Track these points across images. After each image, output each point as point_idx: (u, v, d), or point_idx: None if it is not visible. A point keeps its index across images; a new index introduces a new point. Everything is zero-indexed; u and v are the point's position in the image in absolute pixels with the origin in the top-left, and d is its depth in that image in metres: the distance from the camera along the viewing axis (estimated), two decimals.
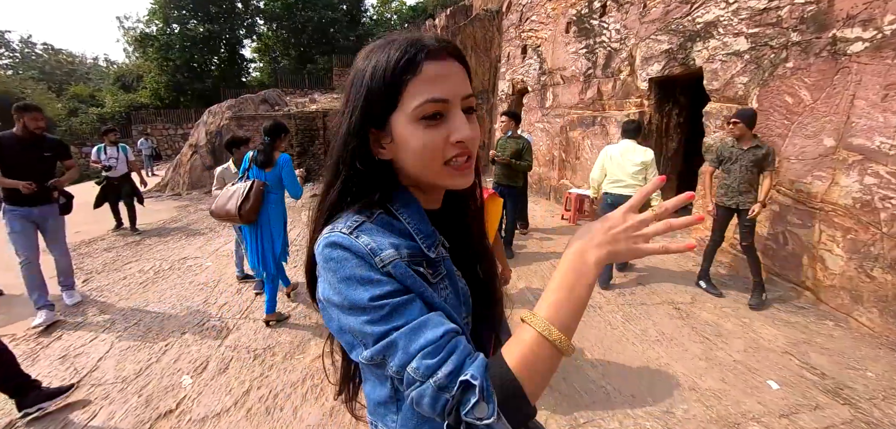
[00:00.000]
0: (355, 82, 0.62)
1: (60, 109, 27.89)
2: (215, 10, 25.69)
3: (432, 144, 0.60)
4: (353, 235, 0.60)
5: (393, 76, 0.58)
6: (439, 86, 0.59)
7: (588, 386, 2.61)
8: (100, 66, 45.44)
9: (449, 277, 0.67)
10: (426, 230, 0.66)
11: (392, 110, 0.60)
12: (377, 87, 0.59)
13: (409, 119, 0.59)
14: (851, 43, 3.34)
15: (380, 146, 0.64)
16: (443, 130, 0.60)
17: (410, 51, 0.58)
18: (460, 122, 0.61)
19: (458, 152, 0.61)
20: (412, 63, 0.58)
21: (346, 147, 0.63)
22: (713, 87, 4.62)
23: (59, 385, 2.54)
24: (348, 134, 0.63)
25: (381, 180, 0.65)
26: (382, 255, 0.59)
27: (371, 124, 0.62)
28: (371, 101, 0.60)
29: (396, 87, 0.59)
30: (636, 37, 5.82)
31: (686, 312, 3.55)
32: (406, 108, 0.59)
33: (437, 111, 0.59)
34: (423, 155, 0.60)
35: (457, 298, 0.67)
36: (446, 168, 0.62)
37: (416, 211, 0.66)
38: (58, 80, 36.23)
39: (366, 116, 0.61)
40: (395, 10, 30.88)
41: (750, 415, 2.35)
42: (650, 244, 0.57)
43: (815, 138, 3.62)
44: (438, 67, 0.59)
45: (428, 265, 0.64)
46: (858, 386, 2.60)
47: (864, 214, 3.29)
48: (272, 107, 13.02)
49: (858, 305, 3.35)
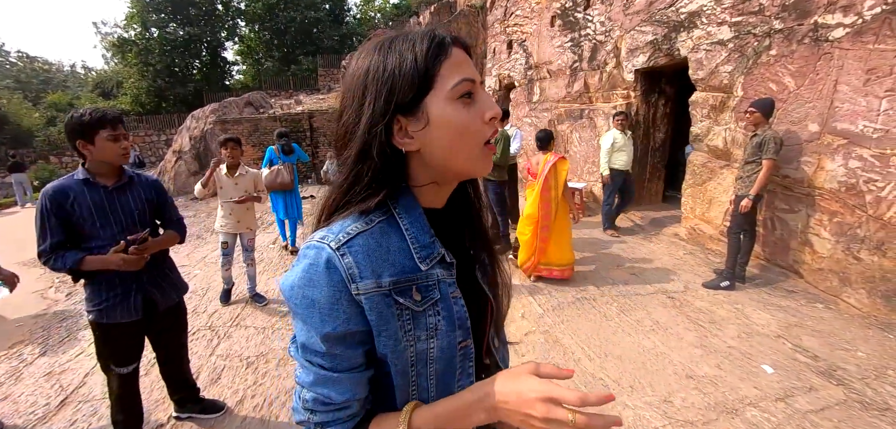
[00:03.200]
0: (372, 74, 0.60)
1: (38, 118, 27.14)
2: (195, 12, 25.18)
3: (474, 122, 0.60)
4: (340, 251, 0.58)
5: (426, 60, 0.58)
6: (467, 67, 0.61)
7: (586, 378, 2.61)
8: (77, 73, 44.37)
9: (443, 301, 0.64)
10: (424, 241, 0.64)
11: (426, 93, 0.59)
12: (408, 73, 0.58)
13: (447, 99, 0.59)
14: (833, 29, 3.39)
15: (406, 135, 0.61)
16: (476, 110, 0.61)
17: (437, 37, 0.60)
18: (489, 100, 0.62)
19: (492, 131, 0.62)
20: (443, 46, 0.59)
21: (370, 134, 0.60)
22: (698, 76, 4.66)
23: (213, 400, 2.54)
24: (372, 122, 0.60)
25: (394, 176, 0.63)
26: (360, 284, 0.58)
27: (399, 111, 0.60)
28: (398, 87, 0.59)
29: (430, 70, 0.58)
30: (621, 29, 5.84)
31: (679, 300, 3.58)
32: (443, 87, 0.59)
33: (469, 91, 0.60)
34: (466, 132, 0.60)
35: (449, 325, 0.64)
36: (485, 148, 0.62)
37: (417, 217, 0.65)
38: (34, 89, 35.27)
39: (392, 102, 0.59)
40: (378, 9, 30.64)
41: (747, 400, 2.37)
42: None
43: (800, 124, 3.67)
44: (461, 52, 0.61)
45: (417, 291, 0.62)
46: (850, 366, 2.65)
47: (849, 198, 3.35)
48: (257, 109, 12.82)
49: (847, 287, 3.41)
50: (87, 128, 1.75)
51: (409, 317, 0.61)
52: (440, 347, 0.63)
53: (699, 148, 4.81)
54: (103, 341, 1.94)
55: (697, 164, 4.84)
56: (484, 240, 0.79)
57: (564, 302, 3.63)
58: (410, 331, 0.61)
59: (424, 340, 0.62)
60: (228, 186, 3.69)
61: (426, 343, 0.62)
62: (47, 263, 1.76)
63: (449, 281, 0.66)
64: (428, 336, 0.62)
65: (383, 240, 0.62)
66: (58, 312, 3.98)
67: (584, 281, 4.05)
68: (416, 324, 0.62)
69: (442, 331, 0.63)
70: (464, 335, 0.67)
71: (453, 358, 0.66)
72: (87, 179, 1.81)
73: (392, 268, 0.61)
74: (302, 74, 23.94)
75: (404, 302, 0.61)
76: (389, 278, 0.60)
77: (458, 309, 0.66)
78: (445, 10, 13.65)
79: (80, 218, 1.79)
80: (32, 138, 23.79)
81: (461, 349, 0.67)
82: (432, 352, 0.63)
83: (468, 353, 0.68)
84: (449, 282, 0.66)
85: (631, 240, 5.19)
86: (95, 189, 1.83)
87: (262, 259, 5.17)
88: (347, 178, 0.63)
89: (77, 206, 1.78)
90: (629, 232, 5.50)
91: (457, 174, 0.66)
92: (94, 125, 1.76)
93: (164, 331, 2.16)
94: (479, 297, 0.74)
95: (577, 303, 3.61)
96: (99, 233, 1.82)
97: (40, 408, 2.57)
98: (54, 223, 1.76)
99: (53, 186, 1.78)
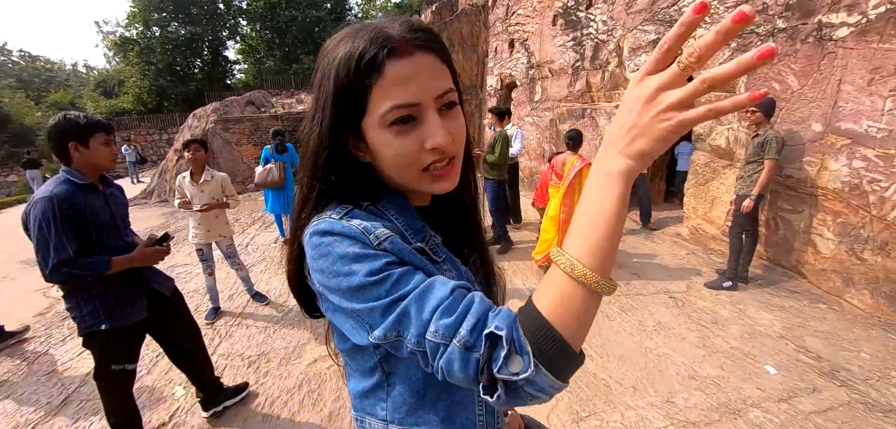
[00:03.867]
0: (324, 79, 0.56)
1: (40, 117, 27.19)
2: (197, 11, 25.21)
3: (407, 152, 0.54)
4: (344, 219, 0.56)
5: (357, 77, 0.52)
6: (406, 88, 0.52)
7: (588, 379, 2.60)
8: (79, 73, 44.45)
9: (450, 260, 0.64)
10: (415, 226, 0.62)
11: (361, 115, 0.55)
12: (343, 89, 0.54)
13: (378, 126, 0.54)
14: (837, 28, 3.37)
15: (357, 149, 0.59)
16: (416, 136, 0.54)
17: (371, 49, 0.52)
18: (434, 125, 0.54)
19: (435, 159, 0.56)
20: (373, 65, 0.52)
21: (318, 156, 0.57)
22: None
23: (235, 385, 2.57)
24: (320, 142, 0.57)
25: (365, 184, 0.61)
26: (377, 232, 0.54)
27: (346, 128, 0.57)
28: (340, 103, 0.55)
29: (362, 90, 0.53)
30: (623, 28, 5.82)
31: (682, 300, 3.57)
32: (374, 114, 0.54)
33: (408, 115, 0.53)
34: (398, 163, 0.56)
35: (460, 278, 0.63)
36: (426, 174, 0.57)
37: (403, 207, 0.63)
38: (36, 88, 35.37)
39: (337, 120, 0.56)
40: (380, 8, 30.64)
41: (750, 401, 2.36)
42: (692, 112, 0.43)
43: (804, 124, 3.65)
44: (404, 66, 0.52)
45: (429, 250, 0.62)
46: (854, 367, 2.63)
47: (853, 198, 3.33)
48: (258, 108, 12.83)
49: (850, 288, 3.39)
50: (82, 130, 1.74)
51: (428, 263, 0.59)
52: None
53: (702, 148, 4.79)
54: (112, 347, 1.88)
55: (700, 163, 4.83)
56: (475, 239, 0.78)
57: None
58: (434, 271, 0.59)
59: None
60: (194, 194, 3.39)
61: None
62: (68, 274, 1.65)
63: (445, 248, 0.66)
64: None
65: (378, 216, 0.60)
66: (60, 311, 3.98)
67: None
68: (437, 269, 0.61)
69: None
70: None
71: None
72: (86, 184, 1.78)
73: (397, 229, 0.60)
74: (303, 74, 23.93)
75: (423, 247, 0.60)
76: (400, 235, 0.59)
77: (464, 269, 0.67)
78: (447, 9, 13.62)
79: (94, 222, 1.75)
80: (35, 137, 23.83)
81: None
82: None
83: None
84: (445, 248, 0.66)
85: (632, 240, 5.18)
86: (95, 193, 1.81)
87: (264, 258, 5.17)
88: (317, 182, 0.60)
89: (89, 210, 1.74)
90: (631, 232, 5.48)
91: (408, 190, 0.63)
92: (90, 129, 1.76)
93: (170, 319, 2.17)
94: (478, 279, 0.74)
95: None
96: (107, 236, 1.81)
97: (42, 407, 2.58)
98: (70, 230, 1.67)
99: (56, 193, 1.66)
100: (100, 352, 1.87)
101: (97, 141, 1.78)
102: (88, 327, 1.80)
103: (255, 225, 6.89)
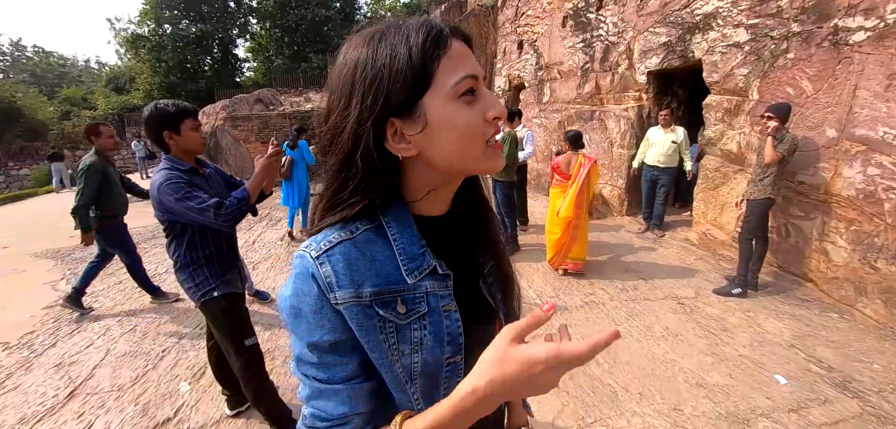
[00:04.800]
0: (360, 71, 0.54)
1: (52, 112, 27.61)
2: (207, 9, 25.44)
3: (475, 122, 0.56)
4: (318, 259, 0.56)
5: (423, 55, 0.53)
6: (467, 62, 0.56)
7: (594, 384, 2.58)
8: (92, 69, 45.05)
9: (431, 315, 0.60)
10: (412, 252, 0.60)
11: (423, 92, 0.54)
12: (401, 70, 0.52)
13: (448, 98, 0.54)
14: (853, 32, 3.31)
15: (402, 140, 0.56)
16: (478, 108, 0.56)
17: (434, 29, 0.54)
18: (491, 97, 0.57)
19: (495, 130, 0.58)
20: (442, 39, 0.54)
21: (356, 140, 0.55)
22: (713, 79, 4.59)
23: None
24: (358, 125, 0.54)
25: (386, 183, 0.58)
26: (338, 293, 0.55)
27: (392, 113, 0.55)
28: (390, 86, 0.52)
29: (427, 66, 0.53)
30: (634, 30, 5.77)
31: (690, 306, 3.52)
32: (443, 86, 0.54)
33: (471, 88, 0.55)
34: (468, 133, 0.56)
35: (436, 340, 0.60)
36: (488, 149, 0.58)
37: (407, 228, 0.60)
38: (49, 83, 35.90)
39: (384, 102, 0.53)
40: (389, 8, 30.70)
41: (759, 411, 2.32)
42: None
43: (818, 129, 3.59)
44: (460, 45, 0.56)
45: (402, 303, 0.58)
46: (866, 379, 2.58)
47: (867, 205, 3.27)
48: (267, 106, 12.90)
49: (862, 297, 3.33)
50: (173, 118, 1.82)
51: (392, 329, 0.58)
52: (423, 361, 0.60)
53: (712, 152, 4.73)
54: (234, 312, 2.01)
55: (710, 168, 4.77)
56: (492, 247, 0.75)
57: (572, 306, 3.59)
58: (394, 345, 0.58)
59: (408, 354, 0.59)
60: None
61: (410, 358, 0.59)
62: (228, 215, 1.76)
63: (441, 293, 0.62)
64: (412, 350, 0.59)
65: (368, 249, 0.58)
66: None
67: (593, 285, 4.01)
68: (400, 337, 0.58)
69: (427, 346, 0.60)
70: (453, 351, 0.62)
71: (438, 374, 0.61)
72: (192, 168, 1.88)
73: (375, 278, 0.57)
74: (312, 72, 24.04)
75: (386, 314, 0.57)
76: (371, 288, 0.57)
77: (449, 324, 0.62)
78: (456, 10, 13.63)
79: None
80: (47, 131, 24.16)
81: (448, 365, 0.62)
82: (416, 367, 0.60)
83: (456, 369, 0.63)
84: (441, 294, 0.61)
85: (640, 244, 5.13)
86: (196, 175, 1.90)
87: (270, 255, 5.19)
88: (332, 186, 0.59)
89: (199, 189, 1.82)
90: (639, 236, 5.43)
91: (462, 173, 0.63)
92: (180, 115, 1.84)
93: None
94: (485, 308, 0.71)
95: (585, 307, 3.57)
96: None
97: (49, 399, 2.60)
98: (198, 189, 1.79)
99: (171, 173, 1.78)
100: (227, 319, 2.00)
101: (187, 127, 1.86)
102: (204, 294, 1.93)
103: (262, 222, 6.92)
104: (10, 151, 19.76)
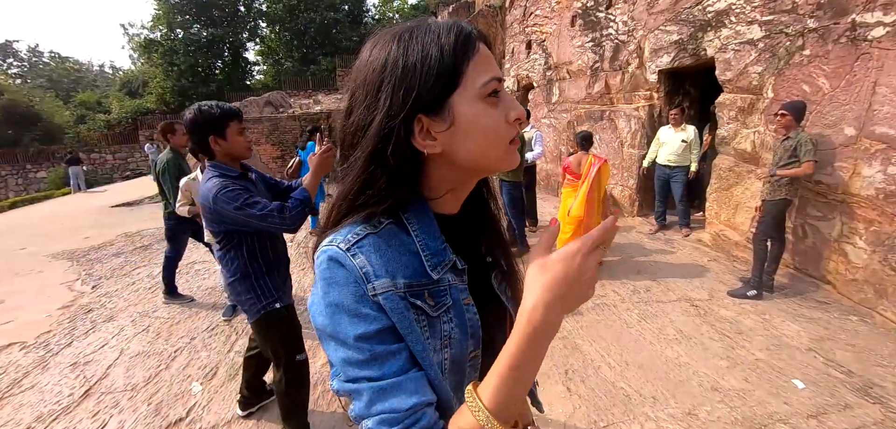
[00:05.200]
0: (390, 67, 0.54)
1: (68, 116, 28.16)
2: (218, 14, 25.81)
3: (499, 122, 0.57)
4: (350, 251, 0.55)
5: (454, 55, 0.54)
6: (492, 65, 0.58)
7: (606, 388, 2.54)
8: (106, 73, 45.89)
9: (455, 308, 0.61)
10: (435, 247, 0.60)
11: (452, 91, 0.55)
12: (433, 69, 0.54)
13: (476, 98, 0.56)
14: (872, 28, 3.23)
15: (428, 136, 0.56)
16: (502, 109, 0.58)
17: (465, 30, 0.56)
18: (512, 99, 0.59)
19: (516, 131, 0.60)
20: (471, 42, 0.56)
21: (382, 136, 0.55)
22: (726, 77, 4.51)
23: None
24: (388, 119, 0.54)
25: (409, 180, 0.58)
26: (376, 283, 0.54)
27: (421, 110, 0.55)
28: (421, 83, 0.54)
29: (458, 66, 0.55)
30: (644, 28, 5.70)
31: (704, 309, 3.46)
32: (472, 86, 0.55)
33: (497, 90, 0.57)
34: (494, 134, 0.57)
35: (462, 333, 0.61)
36: (510, 148, 0.59)
37: (428, 224, 0.61)
38: (65, 88, 36.62)
39: (414, 99, 0.54)
40: (397, 10, 30.80)
41: (776, 416, 2.27)
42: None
43: (835, 127, 3.51)
44: (486, 50, 0.58)
45: (430, 296, 0.58)
46: (888, 384, 2.51)
47: (888, 205, 3.18)
48: (276, 109, 13.02)
49: (883, 300, 3.24)
50: (218, 121, 1.73)
51: (425, 322, 0.57)
52: (453, 358, 0.60)
53: (726, 151, 4.66)
54: (292, 324, 1.98)
55: (724, 167, 4.69)
56: (501, 245, 0.76)
57: (584, 308, 3.55)
58: (429, 338, 0.58)
59: (440, 350, 0.59)
60: None
61: (441, 354, 0.59)
62: (292, 215, 1.68)
63: (461, 287, 0.63)
64: (442, 345, 0.59)
65: (393, 241, 0.59)
66: (83, 304, 4.09)
67: (604, 287, 3.96)
68: (432, 331, 0.58)
69: (455, 340, 0.60)
70: (475, 345, 0.63)
71: (463, 369, 0.63)
72: (241, 173, 1.80)
73: (405, 270, 0.57)
74: (321, 75, 24.24)
75: (420, 305, 0.57)
76: (403, 280, 0.57)
77: (470, 317, 0.62)
78: (464, 10, 13.62)
79: None
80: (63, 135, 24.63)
81: (471, 359, 0.63)
82: (446, 363, 0.60)
83: (476, 363, 0.65)
84: (461, 288, 0.62)
85: (652, 245, 5.06)
86: (249, 183, 1.82)
87: None
88: (357, 182, 0.58)
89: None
90: (650, 237, 5.36)
91: (484, 171, 0.64)
92: (225, 118, 1.74)
93: None
94: (497, 305, 0.71)
95: (596, 309, 3.53)
96: None
97: (65, 398, 2.63)
98: (253, 195, 1.70)
99: (228, 182, 1.68)
100: (277, 334, 1.93)
101: (233, 130, 1.76)
102: (264, 307, 1.85)
103: None
104: (28, 155, 20.21)
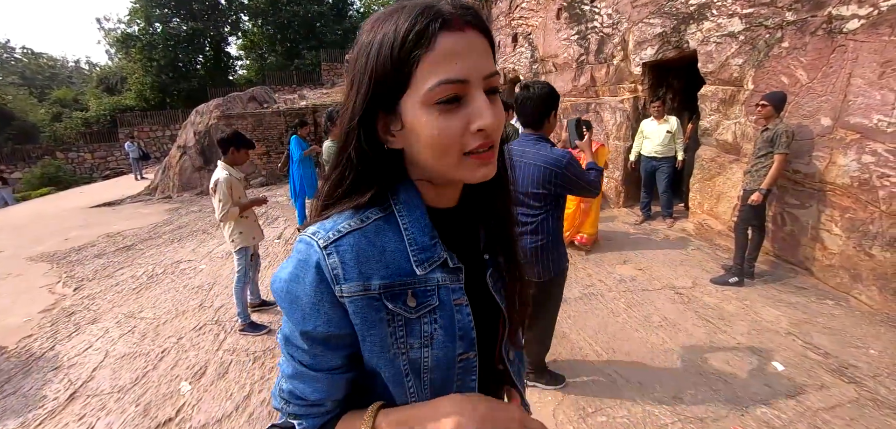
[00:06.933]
0: (360, 58, 0.53)
1: (43, 114, 27.28)
2: (198, 7, 25.19)
3: (449, 133, 0.50)
4: (327, 250, 0.54)
5: (401, 51, 0.49)
6: (457, 63, 0.49)
7: (594, 375, 2.59)
8: (82, 69, 44.55)
9: (441, 309, 0.59)
10: (423, 242, 0.58)
11: (402, 92, 0.51)
12: (384, 65, 0.50)
13: (421, 103, 0.50)
14: (847, 20, 3.32)
15: (389, 133, 0.55)
16: (462, 116, 0.51)
17: (422, 20, 0.48)
18: (482, 105, 0.51)
19: (480, 143, 0.52)
20: (424, 36, 0.48)
21: (349, 133, 0.55)
22: (708, 69, 4.60)
23: None
24: (351, 118, 0.54)
25: (386, 172, 0.58)
26: (344, 286, 0.54)
27: (379, 107, 0.54)
28: (378, 80, 0.51)
29: (406, 64, 0.49)
30: (629, 21, 5.77)
31: (688, 296, 3.55)
32: (418, 90, 0.50)
33: (455, 94, 0.49)
34: (438, 145, 0.51)
35: (447, 335, 0.59)
36: (465, 160, 0.53)
37: (419, 216, 0.59)
38: (39, 85, 35.46)
39: (373, 96, 0.52)
40: (381, 2, 30.51)
41: (757, 397, 2.35)
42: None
43: (812, 118, 3.61)
44: (456, 40, 0.49)
45: (412, 296, 0.57)
46: (862, 364, 2.61)
47: (862, 193, 3.30)
48: (261, 104, 12.82)
49: (858, 284, 3.36)
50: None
51: (401, 323, 0.57)
52: (435, 357, 0.59)
53: (708, 142, 4.75)
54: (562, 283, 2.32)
55: (706, 158, 4.79)
56: (504, 244, 0.71)
57: (571, 297, 3.60)
58: (402, 338, 0.57)
59: (418, 348, 0.58)
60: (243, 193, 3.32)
61: (419, 352, 0.58)
62: (599, 185, 2.04)
63: (453, 287, 0.60)
64: (422, 345, 0.58)
65: (378, 239, 0.57)
66: (66, 306, 4.01)
67: (591, 276, 4.03)
68: (408, 331, 0.57)
69: (438, 341, 0.58)
70: (465, 347, 0.61)
71: (450, 370, 0.61)
72: None
73: (385, 270, 0.56)
74: (305, 69, 23.90)
75: (395, 308, 0.56)
76: (380, 281, 0.55)
77: (460, 318, 0.60)
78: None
79: None
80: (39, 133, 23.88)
81: (460, 362, 0.61)
82: (426, 361, 0.59)
83: (469, 366, 0.62)
84: (453, 288, 0.60)
85: (637, 234, 5.15)
86: None
87: (267, 254, 5.18)
88: (332, 173, 0.60)
89: None
90: (635, 227, 5.46)
91: (444, 181, 0.60)
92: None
93: None
94: (490, 304, 0.69)
95: (583, 298, 3.59)
96: None
97: (49, 402, 2.59)
98: None
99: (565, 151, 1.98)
100: (560, 290, 2.23)
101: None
102: (560, 264, 2.10)
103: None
104: (2, 155, 19.56)
